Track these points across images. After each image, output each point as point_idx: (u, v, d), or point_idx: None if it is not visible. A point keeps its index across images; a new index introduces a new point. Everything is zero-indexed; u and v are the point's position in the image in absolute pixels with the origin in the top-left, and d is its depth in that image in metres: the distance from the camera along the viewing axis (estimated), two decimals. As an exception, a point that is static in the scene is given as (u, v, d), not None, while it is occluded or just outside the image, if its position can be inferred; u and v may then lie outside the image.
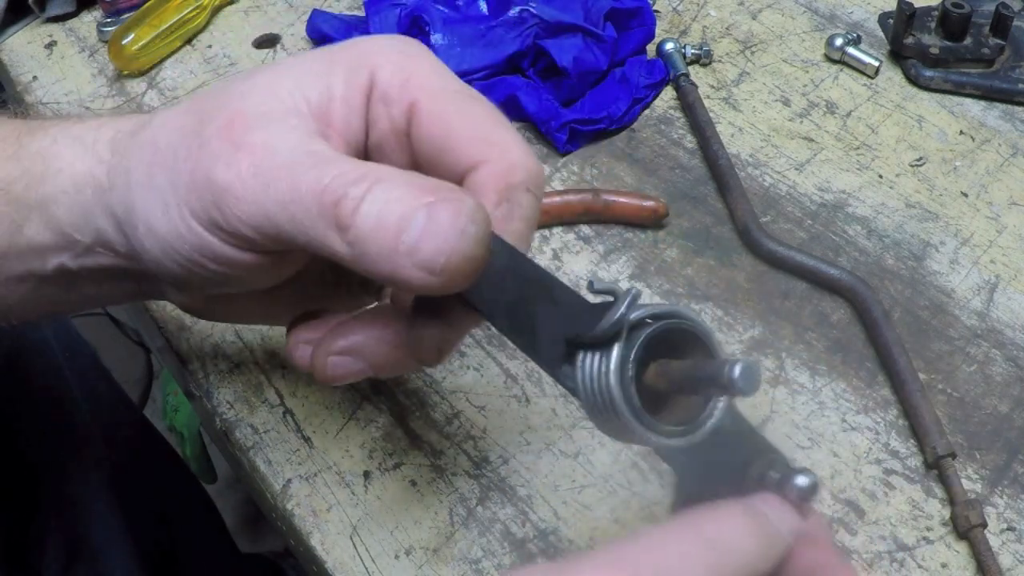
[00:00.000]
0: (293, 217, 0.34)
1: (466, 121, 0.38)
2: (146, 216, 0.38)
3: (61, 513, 0.77)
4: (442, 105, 0.38)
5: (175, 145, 0.37)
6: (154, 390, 1.73)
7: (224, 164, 0.35)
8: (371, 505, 0.51)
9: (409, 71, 0.38)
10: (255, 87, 0.38)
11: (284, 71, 0.39)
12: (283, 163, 0.35)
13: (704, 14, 0.80)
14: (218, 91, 0.39)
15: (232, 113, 0.36)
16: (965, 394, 0.55)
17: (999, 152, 0.69)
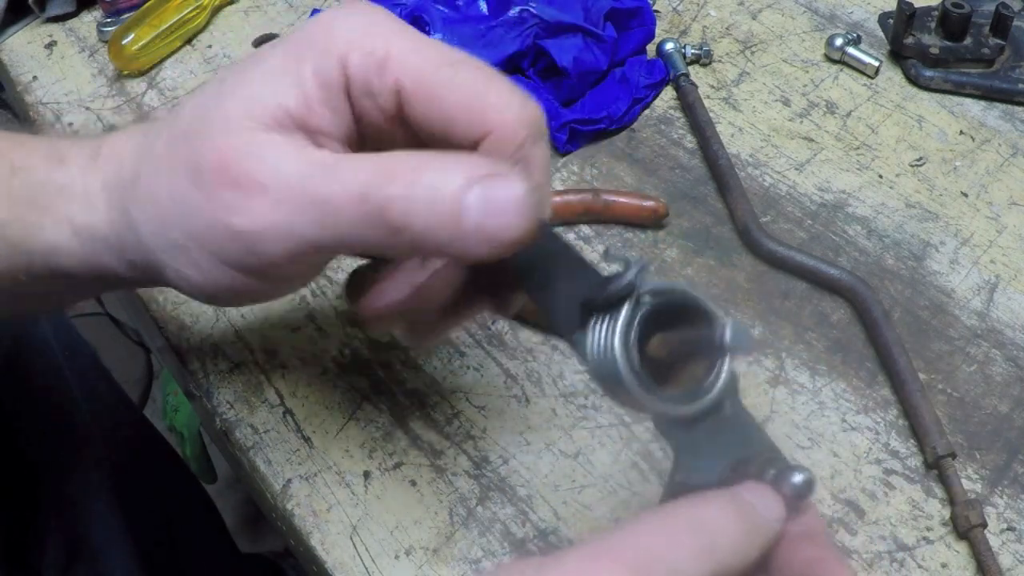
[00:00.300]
0: (336, 234, 0.34)
1: (458, 95, 0.36)
2: (174, 269, 0.38)
3: (61, 513, 0.77)
4: (429, 85, 0.36)
5: (178, 199, 0.36)
6: (154, 390, 1.73)
7: (240, 213, 0.34)
8: (371, 505, 0.51)
9: (382, 53, 0.36)
10: (232, 108, 0.36)
11: (253, 78, 0.37)
12: (301, 188, 0.34)
13: (704, 14, 0.80)
14: (192, 114, 0.38)
15: (220, 152, 0.35)
16: (965, 394, 0.55)
17: (999, 152, 0.69)
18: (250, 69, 0.37)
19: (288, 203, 0.34)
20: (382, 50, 0.36)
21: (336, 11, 0.38)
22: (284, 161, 0.35)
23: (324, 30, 0.37)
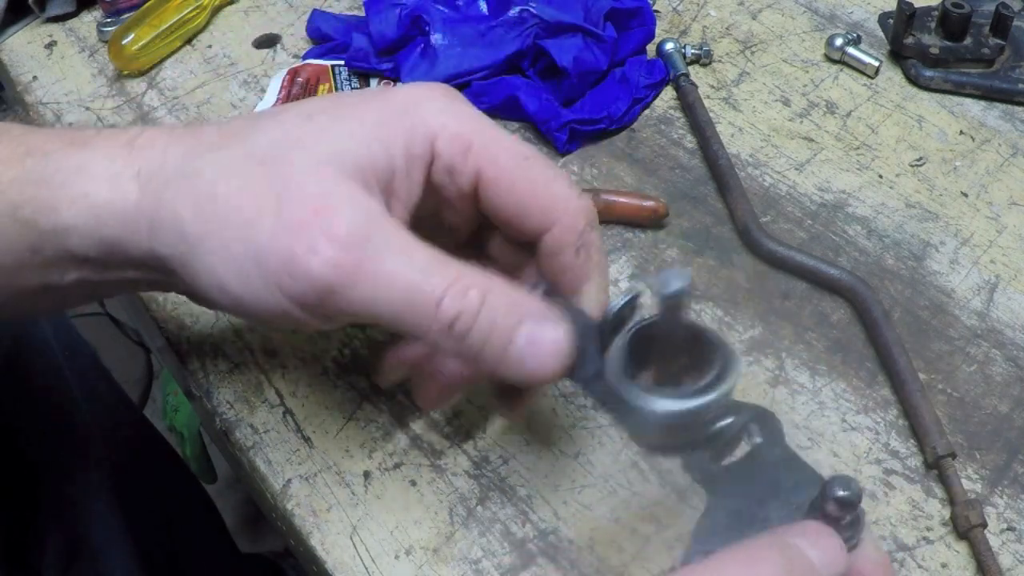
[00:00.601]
0: (403, 320, 0.37)
1: (532, 188, 0.41)
2: (215, 276, 0.38)
3: (61, 513, 0.77)
4: (508, 174, 0.41)
5: (249, 213, 0.37)
6: (154, 390, 1.73)
7: (327, 262, 0.36)
8: (371, 505, 0.51)
9: (468, 139, 0.40)
10: (322, 153, 0.38)
11: (344, 130, 0.39)
12: (391, 267, 0.36)
13: (704, 14, 0.80)
14: (272, 144, 0.39)
15: (312, 195, 0.37)
16: (965, 394, 0.55)
17: (999, 152, 0.69)
18: (341, 119, 0.39)
19: (373, 278, 0.36)
20: (467, 135, 0.40)
21: (422, 89, 0.41)
22: (378, 232, 0.37)
23: (414, 104, 0.40)
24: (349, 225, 0.36)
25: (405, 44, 0.74)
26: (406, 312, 0.37)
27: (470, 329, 0.37)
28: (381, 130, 0.39)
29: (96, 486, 0.80)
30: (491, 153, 0.40)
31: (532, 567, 0.49)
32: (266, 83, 0.76)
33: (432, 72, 0.71)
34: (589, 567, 0.48)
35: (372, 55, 0.74)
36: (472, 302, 0.37)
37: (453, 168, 0.40)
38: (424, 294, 0.37)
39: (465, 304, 0.37)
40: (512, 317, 0.38)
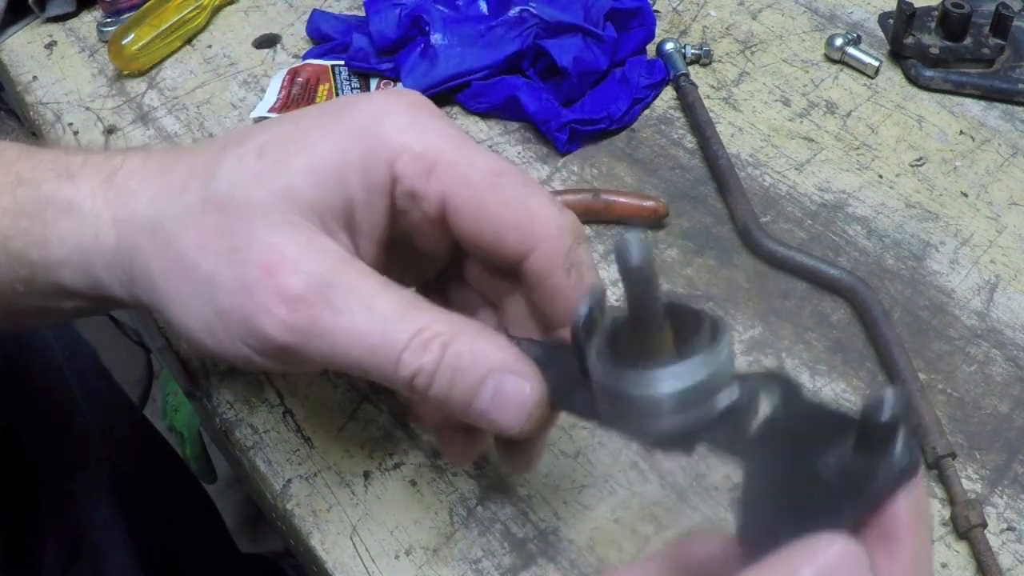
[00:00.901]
0: (363, 371, 0.36)
1: (506, 209, 0.38)
2: (186, 329, 0.38)
3: (61, 513, 0.77)
4: (477, 197, 0.38)
5: (207, 272, 0.36)
6: (154, 390, 1.73)
7: (280, 324, 0.35)
8: (371, 505, 0.51)
9: (431, 159, 0.37)
10: (275, 198, 0.36)
11: (297, 166, 0.37)
12: (348, 323, 0.35)
13: (704, 14, 0.80)
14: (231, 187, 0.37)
15: (266, 251, 0.35)
16: (965, 394, 0.55)
17: (999, 152, 0.69)
18: (294, 151, 0.37)
19: (329, 336, 0.35)
20: (431, 155, 0.37)
21: (384, 102, 0.38)
22: (335, 285, 0.35)
23: (373, 121, 0.37)
24: (302, 282, 0.35)
25: (405, 44, 0.74)
26: (368, 366, 0.36)
27: (430, 385, 0.36)
28: (337, 159, 0.37)
29: (96, 486, 0.80)
30: (458, 174, 0.37)
31: (532, 567, 0.49)
32: (266, 83, 0.76)
33: (432, 72, 0.71)
34: (589, 567, 0.48)
35: (372, 55, 0.74)
36: (431, 357, 0.35)
37: (415, 193, 0.38)
38: (383, 351, 0.35)
39: (424, 360, 0.35)
40: (475, 372, 0.36)
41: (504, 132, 0.72)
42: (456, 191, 0.37)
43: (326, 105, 0.39)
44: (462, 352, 0.36)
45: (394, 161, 0.37)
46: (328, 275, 0.35)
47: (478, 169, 0.38)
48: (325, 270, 0.35)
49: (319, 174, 0.36)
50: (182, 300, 0.37)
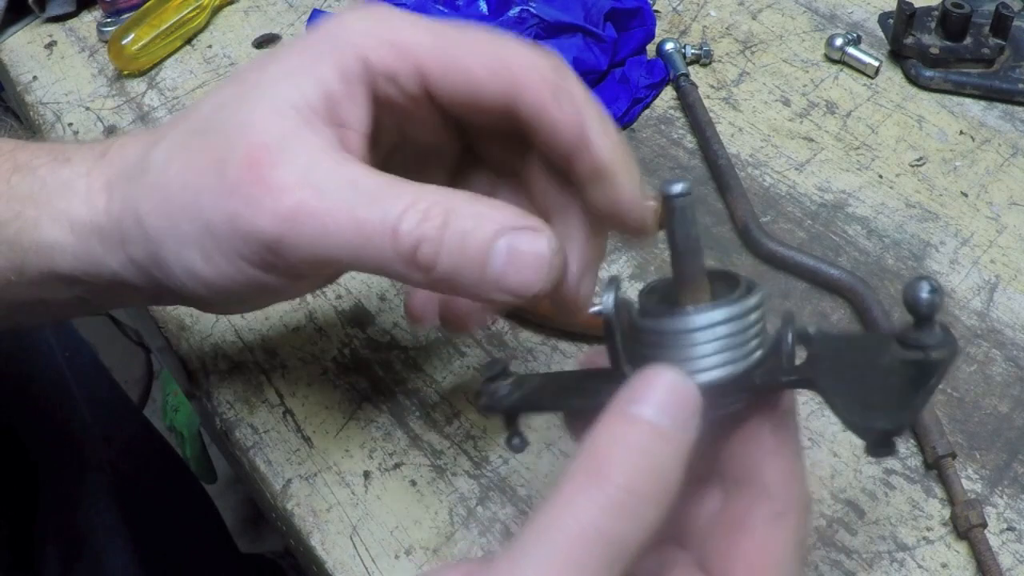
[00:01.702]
0: (361, 258, 0.35)
1: (480, 59, 0.37)
2: (183, 264, 0.37)
3: (61, 513, 0.77)
4: (449, 57, 0.37)
5: (194, 189, 0.36)
6: (154, 390, 1.73)
7: (268, 213, 0.34)
8: (371, 505, 0.51)
9: (401, 42, 0.37)
10: (256, 105, 0.36)
11: (274, 77, 0.37)
12: (335, 203, 0.34)
13: (704, 14, 0.80)
14: (212, 112, 0.37)
15: (249, 148, 0.35)
16: (965, 394, 0.55)
17: (999, 152, 0.69)
18: (269, 68, 0.37)
19: (318, 217, 0.34)
20: (400, 37, 0.37)
21: (347, 12, 0.38)
22: (318, 170, 0.35)
23: (338, 26, 0.37)
24: (285, 169, 0.34)
25: (405, 44, 0.74)
26: (363, 248, 0.34)
27: (437, 254, 0.34)
28: (309, 63, 0.37)
29: (96, 486, 0.80)
30: (427, 44, 0.37)
31: (532, 567, 0.48)
32: (266, 83, 0.76)
33: (432, 72, 0.71)
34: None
35: (372, 55, 0.74)
36: (433, 224, 0.34)
37: (393, 74, 0.37)
38: (376, 223, 0.34)
39: (426, 228, 0.33)
40: (483, 232, 0.34)
41: (504, 132, 0.71)
42: (428, 58, 0.37)
43: (294, 38, 0.40)
44: (465, 215, 0.34)
45: (365, 51, 0.37)
46: (311, 162, 0.35)
47: (444, 35, 0.37)
48: (308, 158, 0.35)
49: (294, 76, 0.36)
50: (174, 232, 0.37)
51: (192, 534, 0.98)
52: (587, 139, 0.37)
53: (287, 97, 0.36)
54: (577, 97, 0.37)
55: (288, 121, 0.36)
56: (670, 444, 0.30)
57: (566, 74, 0.37)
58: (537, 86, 0.36)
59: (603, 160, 0.37)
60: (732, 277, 0.35)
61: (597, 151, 0.37)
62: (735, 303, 0.33)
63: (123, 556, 0.80)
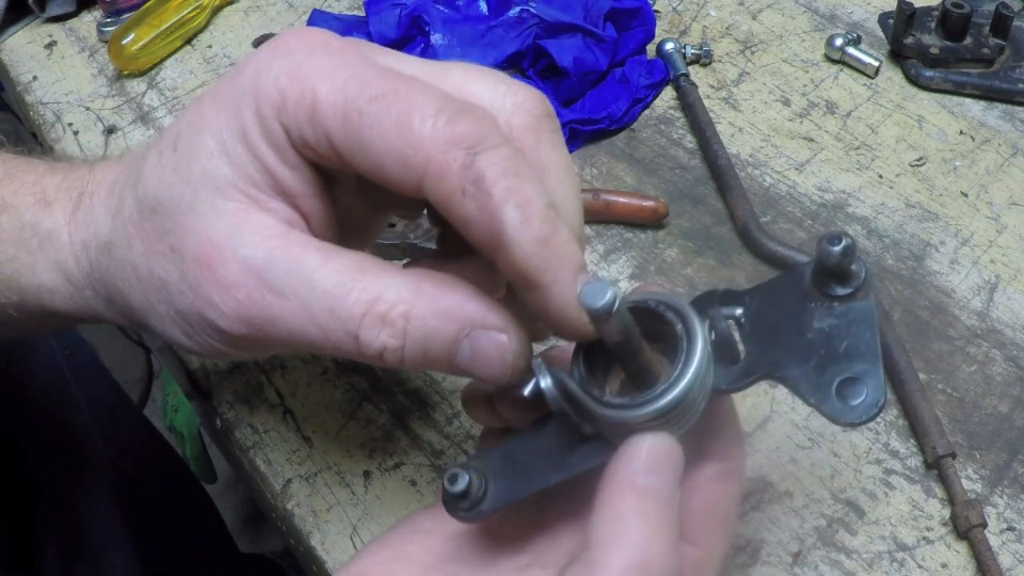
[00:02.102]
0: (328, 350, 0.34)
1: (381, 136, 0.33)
2: (168, 335, 0.38)
3: (61, 513, 0.77)
4: (353, 129, 0.33)
5: (160, 276, 0.36)
6: (154, 390, 1.73)
7: (230, 316, 0.34)
8: (371, 505, 0.51)
9: (309, 100, 0.34)
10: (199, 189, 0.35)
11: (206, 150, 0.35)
12: (293, 304, 0.34)
13: (704, 14, 0.80)
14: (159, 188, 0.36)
15: (199, 244, 0.34)
16: (965, 394, 0.55)
17: (999, 152, 0.69)
18: (199, 140, 0.35)
19: (279, 320, 0.34)
20: (309, 96, 0.34)
21: (266, 54, 0.35)
22: (272, 264, 0.34)
23: (255, 80, 0.35)
24: (237, 268, 0.34)
25: (405, 44, 0.74)
26: (328, 346, 0.34)
27: (402, 359, 0.34)
28: (237, 129, 0.35)
29: (96, 486, 0.80)
30: (335, 108, 0.33)
31: (532, 567, 0.49)
32: (266, 83, 0.76)
33: (432, 72, 0.71)
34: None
35: (372, 55, 0.74)
36: (394, 331, 0.33)
37: (305, 141, 0.34)
38: (335, 330, 0.33)
39: (386, 339, 0.33)
40: (445, 334, 0.33)
41: (504, 132, 0.71)
42: (333, 129, 0.33)
43: (224, 77, 0.37)
44: (426, 318, 0.33)
45: (280, 113, 0.34)
46: (263, 256, 0.34)
47: (349, 99, 0.33)
48: (259, 251, 0.34)
49: (227, 150, 0.35)
50: (151, 309, 0.37)
51: (192, 534, 0.98)
52: (503, 242, 0.32)
53: (227, 178, 0.35)
54: (495, 193, 0.32)
55: (233, 206, 0.34)
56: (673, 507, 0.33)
57: (483, 148, 0.32)
58: (446, 179, 0.32)
59: (522, 266, 0.33)
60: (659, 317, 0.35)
61: (515, 256, 0.32)
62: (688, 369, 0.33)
63: (123, 556, 0.80)
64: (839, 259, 0.32)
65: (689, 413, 0.34)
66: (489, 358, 0.34)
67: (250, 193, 0.35)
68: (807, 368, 0.33)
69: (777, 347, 0.34)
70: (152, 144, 0.38)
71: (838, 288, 0.33)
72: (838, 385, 0.32)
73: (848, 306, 0.33)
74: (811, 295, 0.33)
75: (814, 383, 0.32)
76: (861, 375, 0.32)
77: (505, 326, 0.34)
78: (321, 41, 0.35)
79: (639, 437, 0.33)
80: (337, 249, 0.35)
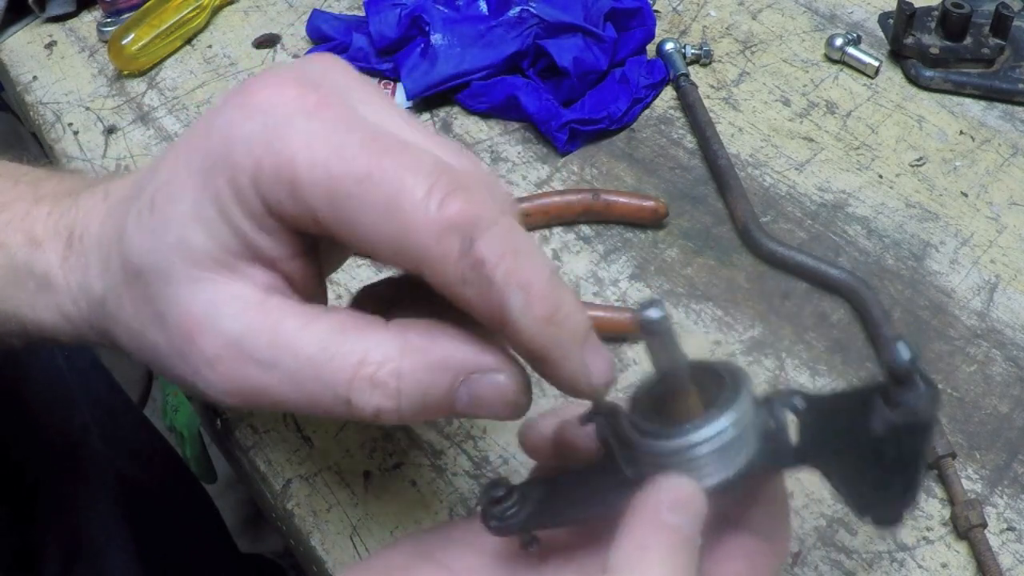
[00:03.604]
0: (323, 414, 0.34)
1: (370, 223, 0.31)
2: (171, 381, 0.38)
3: (61, 514, 0.77)
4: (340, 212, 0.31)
5: (151, 340, 0.35)
6: (154, 390, 1.73)
7: (217, 389, 0.34)
8: (371, 505, 0.51)
9: (286, 175, 0.32)
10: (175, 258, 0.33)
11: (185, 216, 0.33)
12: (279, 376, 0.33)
13: (704, 14, 0.80)
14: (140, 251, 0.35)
15: (179, 316, 0.33)
16: (965, 394, 0.55)
17: (999, 152, 0.69)
18: (173, 204, 0.34)
19: (266, 392, 0.33)
20: (287, 169, 0.31)
21: (234, 111, 0.33)
22: (254, 336, 0.33)
23: (224, 144, 0.33)
24: (219, 343, 0.33)
25: (405, 44, 0.74)
26: (322, 411, 0.33)
27: (399, 416, 0.33)
28: (212, 196, 0.33)
29: (96, 486, 0.80)
30: (318, 183, 0.31)
31: (532, 567, 0.48)
32: (266, 83, 0.76)
33: (432, 72, 0.71)
34: (589, 567, 0.48)
35: (372, 55, 0.74)
36: (386, 392, 0.32)
37: (286, 214, 0.32)
38: (325, 396, 0.32)
39: (379, 400, 0.32)
40: (440, 387, 0.32)
41: (504, 132, 0.72)
42: (319, 207, 0.32)
43: (198, 124, 0.35)
44: (417, 373, 0.32)
45: (256, 183, 0.32)
46: (243, 328, 0.33)
47: (334, 177, 0.31)
48: (239, 323, 0.33)
49: (201, 217, 0.33)
50: (152, 364, 0.37)
51: (192, 534, 0.98)
52: (508, 325, 0.32)
53: (202, 246, 0.33)
54: (496, 278, 0.31)
55: (210, 275, 0.33)
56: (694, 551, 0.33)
57: (481, 230, 0.31)
58: (444, 269, 0.31)
59: (529, 346, 0.32)
60: (714, 372, 0.36)
61: (521, 338, 0.32)
62: (725, 412, 0.34)
63: (123, 556, 0.80)
64: (907, 363, 0.32)
65: (721, 463, 0.34)
66: (490, 400, 0.33)
67: (227, 262, 0.33)
68: (848, 463, 0.33)
69: (828, 442, 0.34)
70: (133, 196, 0.36)
71: (902, 397, 0.33)
72: (873, 484, 0.32)
73: (907, 417, 0.33)
74: (875, 401, 0.34)
75: (851, 479, 0.33)
76: (898, 479, 0.32)
77: (500, 365, 0.33)
78: (296, 98, 0.32)
79: (667, 476, 0.33)
80: (318, 311, 0.34)
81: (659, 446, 0.34)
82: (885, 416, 0.33)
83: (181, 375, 0.34)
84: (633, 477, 0.35)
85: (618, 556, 0.32)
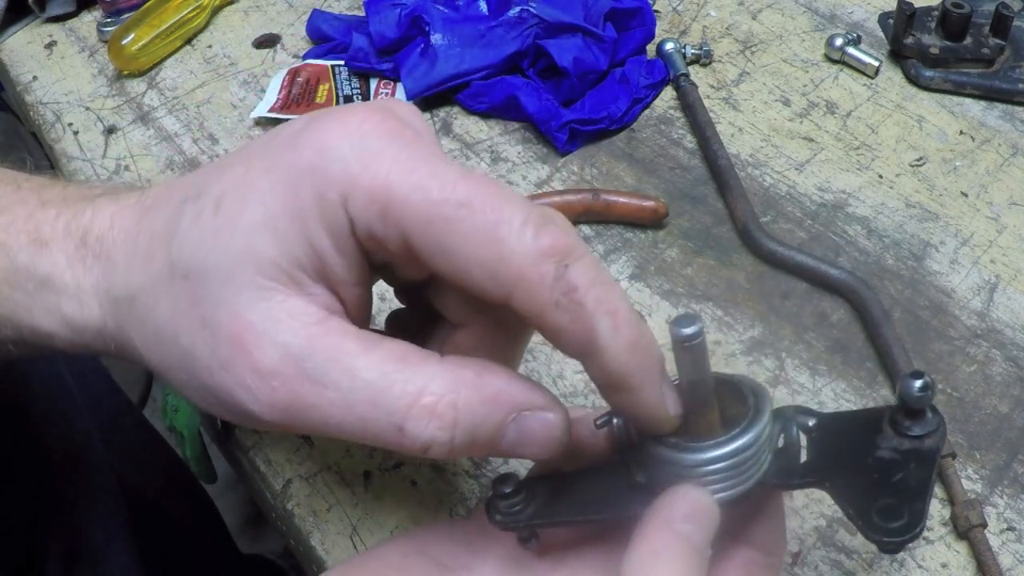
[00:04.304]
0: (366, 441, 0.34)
1: (467, 247, 0.32)
2: (185, 396, 0.37)
3: (62, 515, 0.77)
4: (436, 236, 0.32)
5: (186, 346, 0.34)
6: (154, 390, 1.73)
7: (263, 403, 0.33)
8: (371, 505, 0.51)
9: (383, 196, 0.32)
10: (237, 262, 0.33)
11: (256, 223, 0.33)
12: (333, 396, 0.32)
13: (704, 14, 0.80)
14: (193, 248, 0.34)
15: (233, 322, 0.33)
16: (965, 394, 0.55)
17: (999, 152, 0.69)
18: (246, 208, 0.34)
19: (317, 411, 0.33)
20: (382, 191, 0.32)
21: (331, 130, 0.33)
22: (311, 353, 0.33)
23: (319, 158, 0.33)
24: (276, 355, 0.32)
25: (405, 44, 0.74)
26: (367, 437, 0.33)
27: (451, 450, 0.33)
28: (292, 208, 0.33)
29: (96, 487, 0.80)
30: (412, 210, 0.32)
31: (532, 567, 0.48)
32: (266, 83, 0.76)
33: (432, 72, 0.71)
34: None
35: (372, 55, 0.74)
36: (442, 424, 0.32)
37: (373, 235, 0.33)
38: (377, 422, 0.32)
39: (435, 431, 0.32)
40: (493, 422, 0.33)
41: (504, 132, 0.72)
42: (414, 230, 0.32)
43: (277, 137, 0.35)
44: (473, 407, 0.33)
45: (347, 202, 0.33)
46: (303, 344, 0.33)
47: (434, 202, 0.32)
48: (299, 339, 0.33)
49: (277, 227, 0.33)
50: (171, 372, 0.36)
51: (192, 534, 0.98)
52: (596, 350, 0.33)
53: (271, 256, 0.33)
54: (587, 304, 0.32)
55: (274, 286, 0.33)
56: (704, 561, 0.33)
57: (572, 258, 0.32)
58: (539, 294, 0.32)
59: (614, 372, 0.34)
60: (736, 387, 0.37)
61: (608, 363, 0.33)
62: (748, 433, 0.35)
63: (124, 557, 0.80)
64: (919, 394, 0.33)
65: (736, 479, 0.35)
66: (538, 438, 0.34)
67: (294, 275, 0.33)
68: (856, 485, 0.34)
69: (836, 461, 0.35)
70: (189, 196, 0.36)
71: (911, 427, 0.34)
72: (880, 507, 0.32)
73: (914, 445, 0.34)
74: (884, 427, 0.34)
75: (859, 500, 0.33)
76: (905, 503, 0.32)
77: (548, 403, 0.35)
78: (394, 128, 0.34)
79: (683, 486, 0.34)
80: (377, 338, 0.34)
81: (678, 457, 0.35)
82: (892, 443, 0.34)
83: (216, 384, 0.33)
84: (644, 483, 0.36)
85: (632, 561, 0.33)
